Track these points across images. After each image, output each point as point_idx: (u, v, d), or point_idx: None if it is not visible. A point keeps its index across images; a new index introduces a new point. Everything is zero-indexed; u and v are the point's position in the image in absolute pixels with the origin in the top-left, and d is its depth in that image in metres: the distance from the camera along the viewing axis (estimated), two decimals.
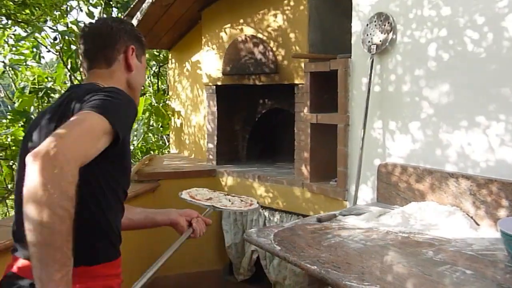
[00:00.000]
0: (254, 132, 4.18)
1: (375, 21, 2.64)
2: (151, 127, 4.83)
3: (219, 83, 3.90)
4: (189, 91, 4.49)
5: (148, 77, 5.79)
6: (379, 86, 2.65)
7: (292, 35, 3.32)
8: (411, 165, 2.47)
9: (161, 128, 5.02)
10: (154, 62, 5.18)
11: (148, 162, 4.12)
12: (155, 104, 5.03)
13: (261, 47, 3.50)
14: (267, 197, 3.54)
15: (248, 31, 3.61)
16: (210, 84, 3.98)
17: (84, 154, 1.05)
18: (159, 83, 5.50)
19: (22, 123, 3.82)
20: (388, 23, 2.56)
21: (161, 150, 6.04)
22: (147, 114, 4.61)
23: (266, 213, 3.59)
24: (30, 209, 0.94)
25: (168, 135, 6.42)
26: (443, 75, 2.31)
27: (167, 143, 7.21)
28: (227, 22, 3.77)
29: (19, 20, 4.11)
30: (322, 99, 3.23)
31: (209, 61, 3.98)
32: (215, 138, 4.03)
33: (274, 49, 3.44)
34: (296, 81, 3.33)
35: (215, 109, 4.00)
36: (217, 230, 3.98)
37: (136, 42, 1.51)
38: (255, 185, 3.61)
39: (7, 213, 5.17)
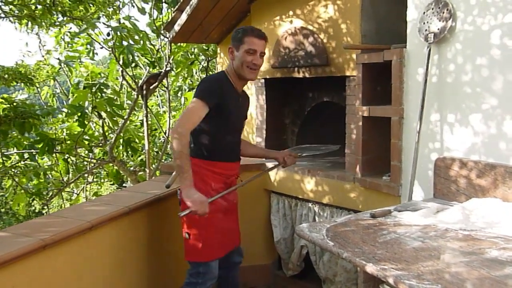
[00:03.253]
0: (303, 125, 4.13)
1: (432, 8, 2.53)
2: None
3: (268, 76, 3.88)
4: None
5: (196, 72, 5.87)
6: (436, 76, 2.55)
7: (343, 26, 3.25)
8: (472, 159, 2.36)
9: None
10: (203, 57, 5.23)
11: None
12: None
13: (311, 38, 3.44)
14: (316, 192, 3.49)
15: (298, 23, 3.56)
16: (259, 77, 3.96)
17: (192, 122, 2.39)
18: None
19: (77, 118, 3.95)
20: (447, 10, 2.45)
21: None
22: None
23: (316, 208, 3.55)
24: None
25: None
26: (508, 63, 2.18)
27: None
28: (277, 14, 3.73)
29: (74, 17, 4.26)
30: (375, 91, 3.14)
31: None
32: (264, 132, 4.02)
33: (325, 40, 3.38)
34: (348, 73, 3.26)
35: (264, 102, 3.98)
36: (266, 225, 3.97)
37: (233, 42, 2.58)
38: (304, 179, 3.57)
39: (63, 205, 5.39)
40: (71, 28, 6.51)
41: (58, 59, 6.01)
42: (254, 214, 3.97)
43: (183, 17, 4.09)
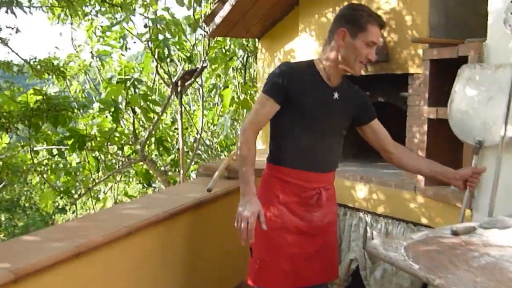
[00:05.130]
0: (351, 130, 3.82)
1: None
2: (237, 121, 4.63)
3: None
4: None
5: (234, 69, 5.62)
6: None
7: (408, 18, 2.95)
8: None
9: None
10: (241, 53, 4.98)
11: (236, 157, 3.90)
12: (239, 97, 4.83)
13: None
14: (369, 200, 3.20)
15: None
16: None
17: (256, 122, 2.06)
18: (246, 75, 5.30)
19: (111, 113, 3.74)
20: None
21: None
22: (234, 106, 4.40)
23: (368, 218, 3.25)
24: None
25: None
26: None
27: None
28: (330, 6, 3.45)
29: (113, 3, 4.06)
30: (442, 91, 2.83)
31: (306, 50, 3.69)
32: None
33: (385, 34, 3.08)
34: (411, 70, 2.96)
35: None
36: None
37: (348, 24, 1.99)
38: (356, 186, 3.27)
39: (91, 205, 5.20)
40: (102, 22, 6.36)
41: (91, 52, 5.85)
42: None
43: (226, 8, 3.85)
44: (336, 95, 2.14)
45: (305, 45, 3.71)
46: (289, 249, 2.11)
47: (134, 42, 5.91)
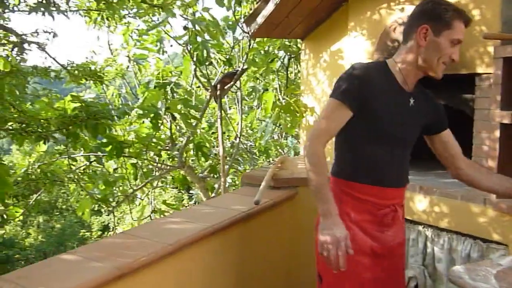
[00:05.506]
0: None
1: None
2: (279, 126, 4.41)
3: None
4: (326, 85, 3.99)
5: (275, 71, 5.39)
6: None
7: (476, 12, 2.66)
8: None
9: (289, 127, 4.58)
10: (283, 53, 4.75)
11: (281, 165, 3.67)
12: (282, 100, 4.61)
13: None
14: (430, 213, 2.92)
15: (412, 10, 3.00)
16: None
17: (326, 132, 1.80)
18: (288, 77, 5.08)
19: (150, 119, 3.59)
20: None
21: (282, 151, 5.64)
22: (276, 110, 4.19)
23: (428, 233, 2.97)
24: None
25: (297, 134, 6.02)
26: None
27: (290, 144, 6.82)
28: (383, 2, 3.19)
29: (154, 4, 3.92)
30: None
31: (356, 50, 3.44)
32: None
33: None
34: (480, 70, 2.67)
35: None
36: None
37: (431, 20, 1.75)
38: (414, 197, 3.00)
39: (130, 212, 5.09)
40: (139, 25, 6.27)
41: (128, 56, 5.75)
42: None
43: (270, 7, 3.64)
44: (412, 101, 1.88)
45: (354, 45, 3.47)
46: (363, 274, 1.85)
47: (171, 45, 5.85)
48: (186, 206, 10.53)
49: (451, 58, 1.77)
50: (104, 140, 4.33)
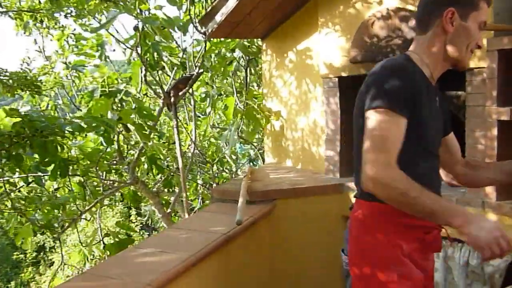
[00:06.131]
0: None
1: None
2: (240, 133, 4.09)
3: (343, 74, 3.11)
4: (293, 87, 3.73)
5: (232, 75, 5.04)
6: None
7: None
8: None
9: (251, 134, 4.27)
10: (238, 54, 4.42)
11: (251, 177, 3.36)
12: (240, 105, 4.30)
13: (412, 22, 2.68)
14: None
15: (392, 2, 2.80)
16: (331, 76, 3.19)
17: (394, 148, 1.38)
18: (248, 80, 4.77)
19: (102, 133, 3.14)
20: None
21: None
22: (238, 116, 3.87)
23: None
24: None
25: (259, 142, 5.72)
26: None
27: (252, 152, 6.50)
28: None
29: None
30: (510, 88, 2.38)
31: (329, 48, 3.20)
32: (338, 144, 3.24)
33: None
34: (471, 65, 2.49)
35: (337, 107, 3.21)
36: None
37: (457, 4, 1.48)
38: None
39: (79, 235, 4.52)
40: (75, 29, 5.72)
41: (65, 63, 5.20)
42: (328, 249, 3.18)
43: (230, 3, 3.32)
44: (438, 99, 1.60)
45: (326, 43, 3.23)
46: None
47: (114, 50, 5.32)
48: (134, 223, 9.92)
49: (477, 44, 1.53)
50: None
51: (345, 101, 3.22)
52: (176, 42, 4.62)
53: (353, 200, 1.74)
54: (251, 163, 6.84)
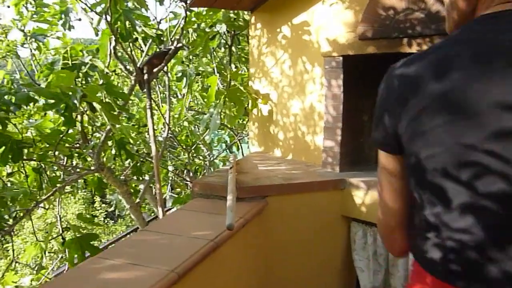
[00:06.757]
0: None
1: None
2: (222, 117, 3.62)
3: (350, 53, 2.69)
4: (286, 66, 3.28)
5: (212, 51, 4.52)
6: None
7: None
8: None
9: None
10: (226, 30, 3.90)
11: (237, 167, 2.92)
12: (221, 86, 3.84)
13: None
14: None
15: None
16: (334, 54, 2.77)
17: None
18: (231, 58, 4.27)
19: (63, 111, 2.65)
20: None
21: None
22: (221, 98, 3.40)
23: None
24: None
25: (242, 126, 5.26)
26: None
27: (227, 138, 6.06)
28: None
29: None
30: None
31: (333, 22, 2.77)
32: (339, 133, 2.83)
33: None
34: None
35: (340, 90, 2.79)
36: (345, 268, 2.82)
37: None
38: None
39: (33, 228, 3.99)
40: None
41: (23, 30, 4.59)
42: (327, 252, 2.80)
43: None
44: None
45: (330, 16, 2.79)
46: None
47: (79, 19, 4.72)
48: (98, 210, 9.30)
49: None
50: None
51: (349, 84, 2.81)
52: (151, 13, 4.08)
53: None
54: (227, 151, 6.39)
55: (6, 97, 2.42)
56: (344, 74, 2.77)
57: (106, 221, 10.30)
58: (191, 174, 6.59)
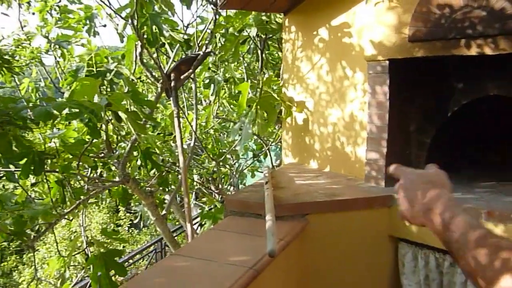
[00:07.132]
0: (440, 135, 2.71)
1: None
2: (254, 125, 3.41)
3: (398, 56, 2.45)
4: (323, 72, 3.05)
5: (242, 56, 4.32)
6: None
7: None
8: None
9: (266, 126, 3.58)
10: (257, 34, 3.70)
11: (273, 181, 2.70)
12: (251, 94, 3.64)
13: None
14: None
15: None
16: (380, 58, 2.53)
17: None
18: (263, 63, 4.07)
19: (87, 121, 2.47)
20: None
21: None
22: (253, 106, 3.20)
23: None
24: None
25: (271, 134, 5.04)
26: None
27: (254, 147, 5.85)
28: None
29: None
30: None
31: (378, 22, 2.53)
32: (384, 144, 2.59)
33: None
34: None
35: (385, 98, 2.55)
36: None
37: None
38: None
39: (56, 244, 3.83)
40: (60, 1, 4.99)
41: (47, 37, 4.47)
42: (373, 276, 2.55)
43: None
44: None
45: (375, 16, 2.56)
46: None
47: (105, 25, 4.59)
48: (122, 219, 9.18)
49: None
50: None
51: (395, 91, 2.57)
52: (178, 17, 3.90)
53: None
54: (255, 160, 6.17)
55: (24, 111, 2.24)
56: (391, 80, 2.53)
57: (130, 231, 10.18)
58: (216, 183, 6.39)
